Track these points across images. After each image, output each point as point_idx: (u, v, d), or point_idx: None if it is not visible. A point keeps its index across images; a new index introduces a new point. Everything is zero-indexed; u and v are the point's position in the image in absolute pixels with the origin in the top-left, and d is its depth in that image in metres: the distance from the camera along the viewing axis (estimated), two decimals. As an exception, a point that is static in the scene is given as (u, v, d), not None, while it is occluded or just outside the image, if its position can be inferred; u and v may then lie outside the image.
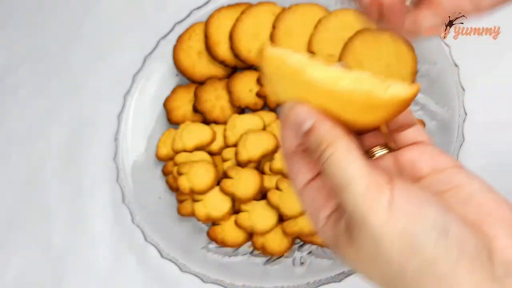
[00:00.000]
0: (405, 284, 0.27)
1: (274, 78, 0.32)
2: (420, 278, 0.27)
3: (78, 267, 0.68)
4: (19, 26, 0.87)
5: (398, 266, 0.27)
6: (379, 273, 0.29)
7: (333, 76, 0.29)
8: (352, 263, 0.31)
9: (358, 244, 0.29)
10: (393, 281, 0.28)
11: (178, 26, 0.72)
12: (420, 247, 0.27)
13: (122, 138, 0.68)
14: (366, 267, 0.29)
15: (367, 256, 0.28)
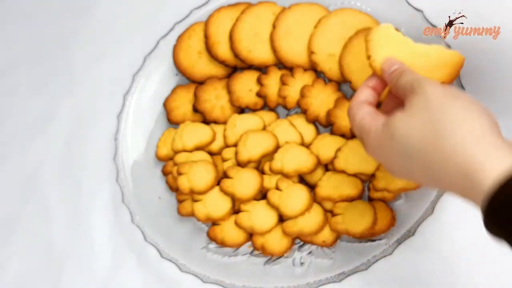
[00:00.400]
0: (442, 122, 0.38)
1: (374, 43, 0.47)
2: (455, 116, 0.38)
3: (78, 267, 0.69)
4: (19, 26, 0.87)
5: (442, 108, 0.38)
6: (421, 124, 0.39)
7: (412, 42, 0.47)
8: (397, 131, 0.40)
9: (410, 104, 0.41)
10: (432, 124, 0.38)
11: (178, 25, 0.72)
12: (459, 95, 0.39)
13: (122, 138, 0.68)
14: (412, 124, 0.40)
15: (415, 110, 0.40)
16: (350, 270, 0.56)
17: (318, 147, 0.61)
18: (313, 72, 0.65)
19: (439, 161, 0.38)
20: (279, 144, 0.62)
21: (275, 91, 0.65)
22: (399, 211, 0.58)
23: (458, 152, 0.37)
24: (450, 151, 0.37)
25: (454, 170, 0.37)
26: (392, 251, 0.56)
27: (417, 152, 0.39)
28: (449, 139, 0.37)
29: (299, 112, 0.65)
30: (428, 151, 0.38)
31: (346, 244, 0.59)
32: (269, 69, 0.66)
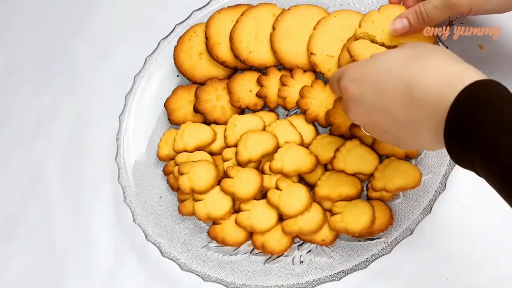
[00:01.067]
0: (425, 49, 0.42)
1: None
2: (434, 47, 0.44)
3: (79, 265, 0.69)
4: (21, 27, 0.88)
5: (422, 44, 0.44)
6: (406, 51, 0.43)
7: None
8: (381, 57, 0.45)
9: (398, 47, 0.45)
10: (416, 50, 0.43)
11: (178, 27, 0.72)
12: None
13: (123, 138, 0.69)
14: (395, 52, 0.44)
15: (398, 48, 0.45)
16: (349, 269, 0.57)
17: (318, 147, 0.62)
18: (313, 73, 0.65)
19: (418, 72, 0.40)
20: (279, 144, 0.63)
21: (275, 92, 0.65)
22: (398, 210, 0.58)
23: (436, 66, 0.40)
24: (429, 65, 0.40)
25: (432, 79, 0.39)
26: (391, 250, 0.56)
27: (397, 69, 0.42)
28: (427, 57, 0.41)
29: (299, 112, 0.66)
30: (408, 66, 0.41)
31: (345, 243, 0.59)
32: (269, 70, 0.66)
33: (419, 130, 0.41)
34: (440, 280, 0.56)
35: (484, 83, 0.37)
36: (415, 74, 0.40)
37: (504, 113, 0.35)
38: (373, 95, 0.44)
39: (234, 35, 0.67)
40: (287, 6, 0.68)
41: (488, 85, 0.37)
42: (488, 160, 0.35)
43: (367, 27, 0.59)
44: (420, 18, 0.54)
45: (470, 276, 0.56)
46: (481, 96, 0.36)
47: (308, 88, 0.64)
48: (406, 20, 0.55)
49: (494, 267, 0.56)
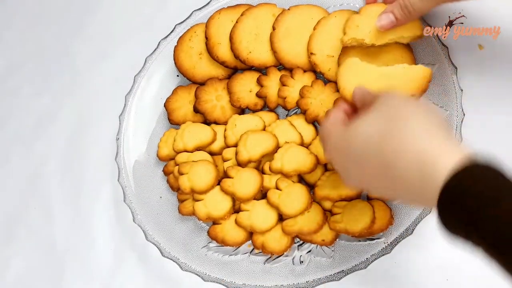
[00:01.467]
0: (401, 118, 0.40)
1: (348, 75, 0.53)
2: (411, 112, 0.40)
3: (79, 265, 0.69)
4: (21, 27, 0.88)
5: (399, 106, 0.41)
6: (382, 121, 0.41)
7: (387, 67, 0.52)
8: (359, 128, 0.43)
9: (373, 107, 0.43)
10: (390, 120, 0.40)
11: (178, 27, 0.72)
12: (414, 99, 0.43)
13: (123, 138, 0.69)
14: (371, 120, 0.42)
15: (378, 109, 0.42)
16: (349, 269, 0.57)
17: (318, 147, 0.62)
18: (313, 73, 0.65)
19: (394, 152, 0.39)
20: (279, 144, 0.63)
21: (275, 92, 0.65)
22: (398, 210, 0.58)
23: (412, 144, 0.38)
24: (406, 143, 0.38)
25: (409, 162, 0.38)
26: (391, 250, 0.56)
27: (374, 146, 0.41)
28: (403, 131, 0.39)
29: (299, 112, 0.66)
30: (384, 143, 0.40)
31: (345, 243, 0.59)
32: (269, 70, 0.66)
33: (409, 200, 0.42)
34: (440, 280, 0.56)
35: (464, 170, 0.35)
36: (392, 155, 0.39)
37: (500, 203, 0.33)
38: (356, 170, 0.44)
39: (234, 35, 0.67)
40: (287, 6, 0.68)
41: (469, 173, 0.35)
42: (489, 249, 0.35)
43: (352, 32, 0.60)
44: (406, 11, 0.54)
45: (470, 276, 0.56)
46: (467, 186, 0.35)
47: (308, 88, 0.64)
48: (392, 15, 0.56)
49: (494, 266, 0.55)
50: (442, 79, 0.61)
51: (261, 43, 0.67)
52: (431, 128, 0.39)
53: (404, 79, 0.46)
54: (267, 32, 0.67)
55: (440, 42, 0.61)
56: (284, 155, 0.61)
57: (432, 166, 0.36)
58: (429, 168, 0.37)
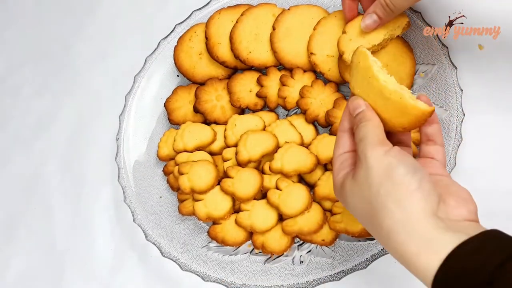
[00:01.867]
0: (377, 204, 0.39)
1: (354, 72, 0.45)
2: (386, 199, 0.38)
3: (79, 265, 0.69)
4: (21, 27, 0.88)
5: (376, 187, 0.39)
6: (363, 198, 0.40)
7: (386, 79, 0.43)
8: (347, 199, 0.42)
9: (356, 175, 0.41)
10: (370, 204, 0.39)
11: (178, 27, 0.72)
12: (394, 175, 0.39)
13: (123, 138, 0.69)
14: (356, 197, 0.41)
15: (359, 183, 0.41)
16: (349, 269, 0.57)
17: (318, 147, 0.62)
18: (313, 73, 0.65)
19: (380, 239, 0.40)
20: (279, 144, 0.63)
21: (275, 92, 0.65)
22: (398, 211, 0.58)
23: (391, 241, 0.38)
24: (386, 238, 0.38)
25: (393, 252, 0.39)
26: (391, 250, 0.56)
27: (364, 221, 0.42)
28: (381, 226, 0.39)
29: (299, 112, 0.66)
30: (370, 226, 0.41)
31: (345, 243, 0.59)
32: (269, 70, 0.66)
33: None
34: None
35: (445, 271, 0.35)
36: (380, 241, 0.40)
37: None
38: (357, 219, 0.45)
39: (234, 35, 0.67)
40: (287, 6, 0.68)
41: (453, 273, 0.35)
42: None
43: (348, 49, 0.60)
44: (388, 9, 0.55)
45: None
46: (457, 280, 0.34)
47: (308, 88, 0.64)
48: (374, 15, 0.57)
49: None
50: (442, 79, 0.61)
51: (261, 43, 0.67)
52: (409, 221, 0.37)
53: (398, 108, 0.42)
54: (267, 32, 0.67)
55: (440, 42, 0.61)
56: (284, 155, 0.61)
57: (414, 268, 0.37)
58: (412, 269, 0.37)
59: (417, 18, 0.63)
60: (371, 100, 0.44)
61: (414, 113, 0.42)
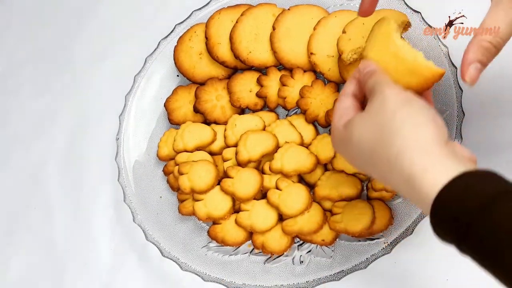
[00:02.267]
0: (391, 128, 0.40)
1: (372, 37, 0.49)
2: (402, 123, 0.40)
3: (80, 265, 0.69)
4: (21, 28, 0.88)
5: (392, 113, 0.40)
6: (373, 126, 0.41)
7: (403, 43, 0.46)
8: (353, 132, 0.43)
9: (368, 107, 0.43)
10: (382, 129, 0.40)
11: (178, 27, 0.72)
12: (412, 104, 0.41)
13: (123, 138, 0.69)
14: (366, 126, 0.42)
15: (372, 112, 0.42)
16: (349, 269, 0.57)
17: (318, 147, 0.62)
18: (313, 73, 0.65)
19: (385, 165, 0.40)
20: (279, 144, 0.63)
21: (275, 92, 0.65)
22: (397, 210, 0.58)
23: (400, 159, 0.39)
24: (395, 157, 0.39)
25: (398, 176, 0.39)
26: (391, 250, 0.56)
27: (368, 153, 0.42)
28: (393, 146, 0.39)
29: (299, 112, 0.66)
30: (377, 155, 0.41)
31: (345, 243, 0.59)
32: (269, 70, 0.66)
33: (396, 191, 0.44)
34: (440, 280, 0.56)
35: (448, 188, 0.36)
36: (382, 169, 0.41)
37: (491, 215, 0.34)
38: (356, 166, 0.46)
39: (234, 35, 0.67)
40: (287, 6, 0.68)
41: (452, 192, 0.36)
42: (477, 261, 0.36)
43: (348, 47, 0.60)
44: (493, 50, 0.47)
45: (470, 276, 0.56)
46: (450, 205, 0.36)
47: (308, 88, 0.64)
48: (478, 64, 0.47)
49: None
50: (442, 79, 0.60)
51: (261, 43, 0.67)
52: (422, 143, 0.39)
53: (410, 69, 0.45)
54: (267, 32, 0.67)
55: (440, 42, 0.61)
56: (284, 155, 0.61)
57: (419, 185, 0.37)
58: (416, 187, 0.38)
59: (417, 18, 0.63)
60: (383, 63, 0.46)
61: (424, 74, 0.44)
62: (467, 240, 0.35)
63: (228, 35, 0.68)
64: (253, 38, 0.67)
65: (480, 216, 0.34)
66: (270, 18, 0.68)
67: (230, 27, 0.68)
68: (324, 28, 0.65)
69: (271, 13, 0.68)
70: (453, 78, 0.60)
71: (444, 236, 0.37)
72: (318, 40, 0.64)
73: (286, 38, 0.66)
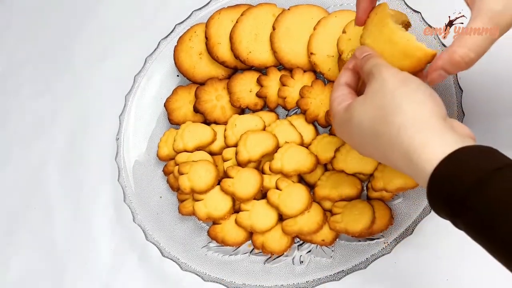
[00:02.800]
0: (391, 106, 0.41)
1: (369, 23, 0.51)
2: (401, 100, 0.41)
3: (80, 265, 0.69)
4: (21, 28, 0.88)
5: (391, 93, 0.41)
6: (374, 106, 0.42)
7: (397, 27, 0.47)
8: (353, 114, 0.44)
9: (368, 89, 0.44)
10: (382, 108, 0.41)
11: (178, 27, 0.72)
12: (410, 82, 0.42)
13: (123, 138, 0.69)
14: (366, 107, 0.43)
15: (371, 93, 0.43)
16: (349, 269, 0.57)
17: (318, 147, 0.62)
18: (313, 73, 0.65)
19: (386, 143, 0.41)
20: (279, 144, 0.63)
21: (275, 92, 0.65)
22: (397, 210, 0.58)
23: (400, 136, 0.40)
24: (395, 134, 0.40)
25: (398, 152, 0.40)
26: (391, 250, 0.56)
27: (369, 133, 0.43)
28: (393, 123, 0.40)
29: (299, 112, 0.66)
30: (377, 133, 0.42)
31: (345, 243, 0.59)
32: (269, 70, 0.66)
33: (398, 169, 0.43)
34: (440, 280, 0.56)
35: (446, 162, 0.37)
36: (383, 148, 0.42)
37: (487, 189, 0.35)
38: (358, 147, 0.47)
39: (234, 35, 0.67)
40: (287, 6, 0.68)
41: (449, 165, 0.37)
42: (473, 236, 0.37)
43: (347, 48, 0.60)
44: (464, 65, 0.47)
45: (470, 276, 0.56)
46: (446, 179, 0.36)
47: (308, 88, 0.64)
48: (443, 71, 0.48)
49: (495, 267, 0.55)
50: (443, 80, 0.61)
51: (261, 43, 0.67)
52: (421, 119, 0.40)
53: (403, 51, 0.47)
54: (267, 32, 0.67)
55: (440, 42, 0.61)
56: (284, 155, 0.61)
57: (417, 160, 0.38)
58: (414, 162, 0.38)
59: (417, 18, 0.63)
60: (379, 48, 0.48)
61: (417, 55, 0.46)
62: (461, 215, 0.36)
63: (228, 35, 0.68)
64: (253, 38, 0.67)
65: (476, 191, 0.35)
66: (270, 18, 0.68)
67: (230, 27, 0.68)
68: (324, 28, 0.65)
69: (271, 13, 0.68)
70: (453, 78, 0.60)
71: (439, 211, 0.38)
72: (318, 40, 0.64)
73: (286, 38, 0.66)
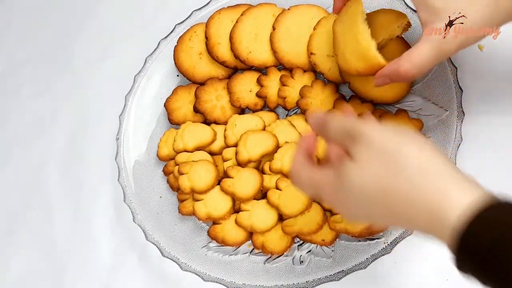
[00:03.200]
0: (396, 155, 0.38)
1: (343, 12, 0.55)
2: (404, 146, 0.38)
3: (80, 265, 0.69)
4: (21, 28, 0.88)
5: (389, 143, 0.38)
6: (374, 162, 0.38)
7: (364, 29, 0.51)
8: (352, 178, 0.39)
9: (358, 156, 0.39)
10: (388, 161, 0.38)
11: (178, 27, 0.72)
12: (402, 131, 0.40)
13: (123, 138, 0.69)
14: (366, 164, 0.39)
15: (366, 151, 0.39)
16: (349, 269, 0.57)
17: (317, 147, 0.62)
18: (313, 73, 0.65)
19: (400, 199, 0.37)
20: (279, 144, 0.63)
21: (275, 92, 0.65)
22: (398, 210, 0.58)
23: (417, 186, 0.36)
24: (409, 187, 0.37)
25: (416, 207, 0.37)
26: (391, 250, 0.56)
27: (377, 196, 0.39)
28: (404, 172, 0.37)
29: (299, 112, 0.66)
30: (388, 191, 0.38)
31: (345, 243, 0.59)
32: (269, 70, 0.66)
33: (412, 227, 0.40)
34: (440, 280, 0.56)
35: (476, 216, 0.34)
36: (398, 207, 0.38)
37: None
38: (362, 214, 0.42)
39: (234, 35, 0.67)
40: (287, 6, 0.68)
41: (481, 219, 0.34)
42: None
43: None
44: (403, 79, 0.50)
45: (470, 276, 0.56)
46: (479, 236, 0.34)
47: (308, 88, 0.64)
48: (387, 79, 0.51)
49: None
50: (442, 79, 0.61)
51: (261, 43, 0.67)
52: (430, 166, 0.37)
53: (361, 55, 0.50)
54: (267, 32, 0.67)
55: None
56: (284, 155, 0.61)
57: (443, 210, 0.35)
58: (439, 213, 0.36)
59: (417, 18, 0.63)
60: (345, 39, 0.52)
61: (371, 62, 0.51)
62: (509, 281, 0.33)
63: (228, 35, 0.68)
64: (253, 38, 0.67)
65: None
66: (270, 18, 0.68)
67: (230, 27, 0.68)
68: (324, 28, 0.64)
69: (271, 13, 0.68)
70: (453, 78, 0.60)
71: (468, 267, 0.35)
72: (318, 40, 0.64)
73: (286, 38, 0.66)
